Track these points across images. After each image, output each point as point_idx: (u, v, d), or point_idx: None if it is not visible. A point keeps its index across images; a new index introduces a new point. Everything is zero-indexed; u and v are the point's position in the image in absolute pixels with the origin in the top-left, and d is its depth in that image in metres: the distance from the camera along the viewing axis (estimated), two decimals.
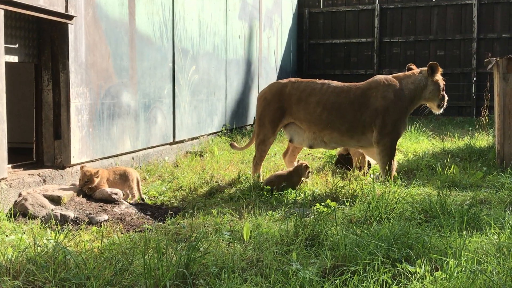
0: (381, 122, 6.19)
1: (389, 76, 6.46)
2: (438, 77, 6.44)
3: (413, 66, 6.76)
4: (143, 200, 5.90)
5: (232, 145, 7.34)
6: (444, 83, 6.55)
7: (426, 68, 6.52)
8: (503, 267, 3.34)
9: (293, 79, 6.63)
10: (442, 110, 6.62)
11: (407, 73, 6.51)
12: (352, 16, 16.50)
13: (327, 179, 6.63)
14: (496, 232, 4.15)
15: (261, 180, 6.42)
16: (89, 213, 5.11)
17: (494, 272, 3.27)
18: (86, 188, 5.62)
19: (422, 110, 6.85)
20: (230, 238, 4.20)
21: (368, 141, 6.38)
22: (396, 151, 9.16)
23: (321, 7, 16.88)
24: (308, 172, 6.28)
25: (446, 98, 6.59)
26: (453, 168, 6.76)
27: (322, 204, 5.12)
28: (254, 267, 3.55)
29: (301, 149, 7.15)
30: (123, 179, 5.88)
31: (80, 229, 4.62)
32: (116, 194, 5.63)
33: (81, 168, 5.71)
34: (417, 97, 6.44)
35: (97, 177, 5.62)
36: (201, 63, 9.50)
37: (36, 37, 5.92)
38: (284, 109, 6.48)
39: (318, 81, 6.56)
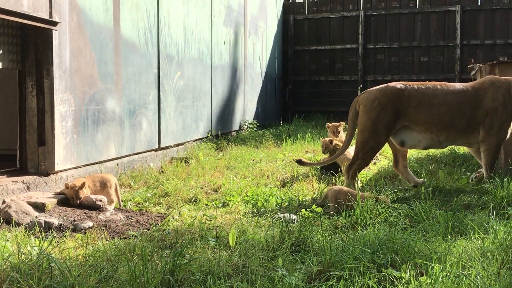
0: (489, 123, 6.36)
1: (502, 78, 6.54)
2: None
3: None
4: (120, 206, 5.86)
5: (301, 162, 6.65)
6: None
7: None
8: (487, 272, 3.37)
9: (398, 83, 6.49)
10: None
11: None
12: (336, 23, 16.58)
13: (313, 185, 6.65)
14: (480, 237, 4.19)
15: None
16: (74, 220, 5.07)
17: (478, 277, 3.30)
18: (75, 203, 5.56)
19: None
20: (215, 244, 4.20)
21: (475, 139, 6.52)
22: (381, 156, 9.23)
23: (306, 13, 16.95)
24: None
25: None
26: (438, 173, 6.81)
27: (308, 209, 5.13)
28: (240, 273, 3.55)
29: (407, 152, 6.95)
30: (102, 186, 5.83)
31: (65, 236, 4.58)
32: (100, 201, 5.59)
33: (66, 185, 5.60)
34: None
35: (85, 188, 5.57)
36: (186, 69, 9.50)
37: (20, 43, 5.88)
38: (399, 113, 6.34)
39: (431, 83, 6.56)
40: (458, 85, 6.57)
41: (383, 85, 6.54)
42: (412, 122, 6.39)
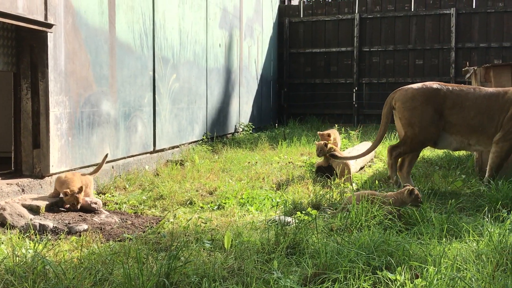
0: (510, 127, 6.28)
1: None
2: None
3: None
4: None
5: (334, 155, 6.97)
6: None
7: None
8: (482, 274, 3.38)
9: (434, 83, 6.49)
10: None
11: None
12: (332, 26, 16.61)
13: (308, 187, 6.66)
14: (475, 240, 4.20)
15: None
16: (69, 223, 5.06)
17: (473, 279, 3.30)
18: (76, 208, 5.52)
19: None
20: (211, 247, 4.19)
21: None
22: (376, 159, 9.24)
23: (301, 16, 16.97)
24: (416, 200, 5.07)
25: None
26: (433, 176, 6.82)
27: (303, 212, 5.13)
28: (235, 276, 3.54)
29: (416, 159, 6.98)
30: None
31: (59, 239, 4.57)
32: (95, 203, 5.58)
33: (65, 193, 5.51)
34: None
35: (83, 192, 5.53)
36: (181, 71, 9.50)
37: (15, 46, 5.87)
38: (438, 112, 6.38)
39: (466, 86, 6.55)
40: (491, 90, 6.53)
41: (419, 84, 6.59)
42: (446, 123, 6.41)
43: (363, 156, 7.07)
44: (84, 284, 3.29)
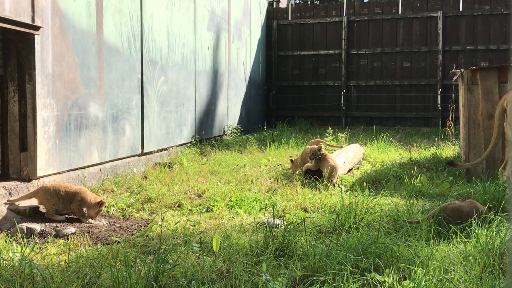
0: None
1: None
2: None
3: None
4: None
5: (453, 163, 6.82)
6: None
7: None
8: (469, 276, 3.40)
9: None
10: None
11: None
12: (320, 28, 16.66)
13: (296, 190, 6.66)
14: (462, 241, 4.22)
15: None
16: (56, 226, 5.03)
17: (460, 281, 3.32)
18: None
19: (387, 121, 6.90)
20: (199, 250, 4.19)
21: None
22: (364, 161, 9.27)
23: (289, 19, 17.01)
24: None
25: None
26: (420, 178, 6.85)
27: (292, 214, 5.14)
28: (223, 278, 3.54)
29: None
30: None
31: (47, 242, 4.55)
32: None
33: (101, 203, 5.35)
34: None
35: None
36: (170, 74, 9.48)
37: (1, 48, 5.83)
38: None
39: None
40: None
41: None
42: None
43: (481, 161, 6.88)
44: None
